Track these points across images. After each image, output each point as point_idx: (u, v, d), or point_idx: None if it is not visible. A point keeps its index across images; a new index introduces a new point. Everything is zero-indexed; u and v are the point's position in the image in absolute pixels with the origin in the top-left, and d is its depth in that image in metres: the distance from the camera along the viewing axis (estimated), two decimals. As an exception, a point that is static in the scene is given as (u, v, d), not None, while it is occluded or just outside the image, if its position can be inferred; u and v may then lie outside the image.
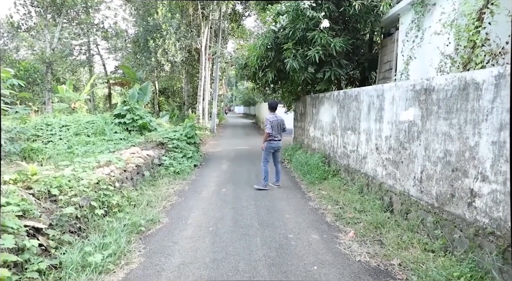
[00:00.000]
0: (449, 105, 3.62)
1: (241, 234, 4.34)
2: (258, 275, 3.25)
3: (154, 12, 15.83)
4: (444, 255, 3.41)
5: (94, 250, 3.45)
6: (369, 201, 5.22)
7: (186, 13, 18.76)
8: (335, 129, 7.58)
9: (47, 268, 3.06)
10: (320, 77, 8.12)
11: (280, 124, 6.80)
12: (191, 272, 3.31)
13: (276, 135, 6.78)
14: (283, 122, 6.86)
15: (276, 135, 6.78)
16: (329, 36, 7.38)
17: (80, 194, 4.23)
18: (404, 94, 4.59)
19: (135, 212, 4.80)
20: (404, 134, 4.57)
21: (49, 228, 3.53)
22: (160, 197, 5.91)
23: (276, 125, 6.74)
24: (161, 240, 4.13)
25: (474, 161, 3.23)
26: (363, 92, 6.04)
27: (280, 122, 6.81)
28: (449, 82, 3.63)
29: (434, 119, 3.89)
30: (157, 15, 15.46)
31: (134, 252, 3.77)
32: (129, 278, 3.22)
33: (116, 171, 5.63)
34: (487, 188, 3.06)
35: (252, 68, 10.06)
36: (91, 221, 4.12)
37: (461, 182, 3.41)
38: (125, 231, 4.09)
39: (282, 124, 6.84)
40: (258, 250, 3.83)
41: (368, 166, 5.77)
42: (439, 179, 3.79)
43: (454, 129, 3.53)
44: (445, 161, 3.68)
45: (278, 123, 6.76)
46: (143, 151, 7.50)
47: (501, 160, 2.91)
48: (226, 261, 3.55)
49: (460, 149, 3.44)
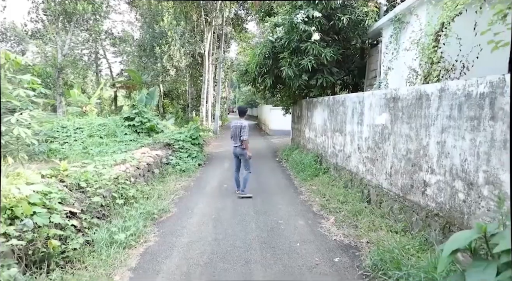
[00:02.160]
0: (409, 111, 4.39)
1: (239, 220, 5.13)
2: (251, 250, 4.03)
3: (160, 20, 16.67)
4: (404, 234, 4.17)
5: (118, 231, 4.25)
6: (351, 194, 6.00)
7: (190, 19, 19.61)
8: (326, 131, 8.35)
9: (83, 243, 3.85)
10: (313, 84, 8.90)
11: (237, 130, 6.46)
12: (197, 247, 4.10)
13: (234, 141, 6.63)
14: (240, 128, 6.41)
15: (234, 141, 6.63)
16: (320, 46, 8.16)
17: (103, 186, 5.04)
18: (378, 101, 5.36)
19: (148, 203, 5.59)
20: (379, 135, 5.34)
21: (81, 213, 4.34)
22: (169, 191, 6.70)
23: (233, 131, 6.60)
24: (171, 225, 4.92)
25: (426, 157, 4.00)
26: (348, 98, 6.81)
27: (238, 128, 6.45)
28: (409, 93, 4.40)
29: (400, 123, 4.66)
30: (163, 22, 16.31)
31: (150, 233, 4.57)
32: (148, 251, 4.02)
33: (131, 168, 6.44)
34: (434, 179, 3.83)
35: (252, 74, 10.83)
36: (113, 209, 4.92)
37: (418, 175, 4.18)
38: (141, 217, 4.88)
39: (239, 130, 6.41)
40: (253, 232, 4.61)
41: (352, 163, 6.54)
42: (403, 173, 4.56)
43: (413, 132, 4.30)
44: (407, 158, 4.45)
45: (235, 129, 6.52)
46: (152, 151, 8.30)
47: (443, 156, 3.68)
48: (226, 240, 4.33)
49: (417, 148, 4.21)
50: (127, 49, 25.92)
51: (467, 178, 3.29)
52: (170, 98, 28.71)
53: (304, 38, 8.23)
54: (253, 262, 3.71)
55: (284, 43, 8.74)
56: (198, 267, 3.61)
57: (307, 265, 3.65)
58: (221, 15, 20.62)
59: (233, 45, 29.73)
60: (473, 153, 3.21)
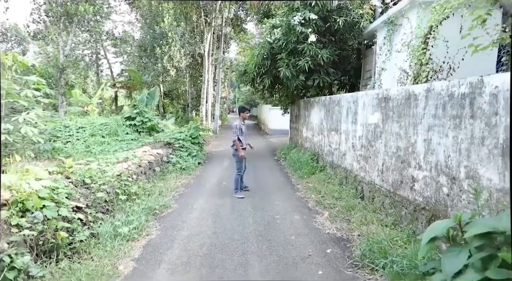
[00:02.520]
0: (399, 111, 4.60)
1: (237, 215, 5.35)
2: (248, 242, 4.25)
3: (161, 21, 16.90)
4: (394, 228, 4.39)
5: (121, 225, 4.46)
6: (346, 191, 6.21)
7: (190, 20, 19.84)
8: (322, 130, 8.57)
9: (89, 235, 4.07)
10: (310, 84, 9.12)
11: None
12: (196, 240, 4.32)
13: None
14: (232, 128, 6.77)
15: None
16: (317, 48, 8.38)
17: (107, 183, 5.25)
18: (371, 101, 5.58)
19: (150, 200, 5.81)
20: (371, 134, 5.55)
21: (86, 207, 4.56)
22: (170, 188, 6.92)
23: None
24: (172, 220, 5.14)
25: (414, 154, 4.22)
26: (343, 98, 7.03)
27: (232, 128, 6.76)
28: (399, 93, 4.62)
29: (390, 122, 4.87)
30: (164, 23, 16.54)
31: (152, 227, 4.78)
32: (150, 244, 4.23)
33: (133, 166, 6.66)
34: (421, 175, 4.04)
35: (250, 75, 11.04)
36: (116, 204, 5.14)
37: (407, 171, 4.39)
38: (144, 212, 5.10)
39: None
40: (250, 226, 4.83)
41: (347, 161, 6.76)
42: (393, 169, 4.77)
43: (402, 130, 4.52)
44: (397, 155, 4.67)
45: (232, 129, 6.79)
46: (153, 150, 8.52)
47: (429, 153, 3.89)
48: (224, 233, 4.55)
49: (406, 145, 4.43)
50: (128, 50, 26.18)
51: (450, 173, 3.50)
52: (170, 98, 28.92)
53: (301, 40, 8.45)
54: (250, 253, 3.93)
55: (282, 44, 8.95)
56: (197, 257, 3.83)
57: (300, 256, 3.86)
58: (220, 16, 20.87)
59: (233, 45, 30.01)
60: (455, 149, 3.43)
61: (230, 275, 3.46)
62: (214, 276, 3.43)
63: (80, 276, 3.26)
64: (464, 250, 2.21)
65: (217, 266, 3.63)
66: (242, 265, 3.64)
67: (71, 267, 3.39)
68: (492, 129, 2.93)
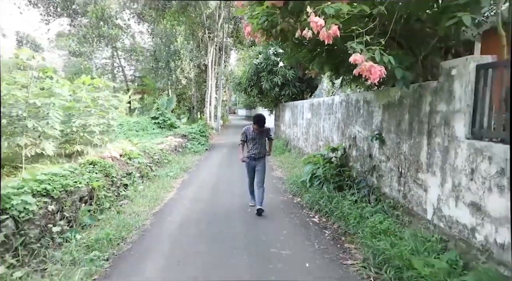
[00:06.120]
0: (316, 111, 8.65)
1: (230, 172, 9.41)
2: (234, 180, 8.30)
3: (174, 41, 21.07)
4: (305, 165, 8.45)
5: (169, 171, 8.52)
6: (296, 159, 10.25)
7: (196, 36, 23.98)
8: (290, 124, 12.61)
9: (153, 176, 8.11)
10: (283, 94, 13.18)
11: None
12: (208, 180, 8.38)
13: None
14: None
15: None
16: (286, 69, 12.43)
17: (157, 152, 9.34)
18: (308, 106, 9.62)
19: (180, 164, 9.87)
20: (307, 124, 9.59)
21: (150, 163, 8.63)
22: (189, 161, 11.00)
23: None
24: (193, 173, 9.21)
25: (321, 135, 8.25)
26: (299, 104, 11.09)
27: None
28: (316, 101, 8.66)
29: (313, 117, 8.91)
30: (177, 43, 20.71)
31: (184, 175, 8.85)
32: (184, 181, 8.29)
33: (167, 146, 10.76)
34: (321, 143, 8.09)
35: (243, 85, 15.11)
36: (162, 163, 9.22)
37: (317, 144, 8.43)
38: (178, 168, 9.16)
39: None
40: (235, 175, 8.87)
41: (300, 143, 10.80)
42: (313, 143, 8.81)
43: (316, 120, 8.56)
44: (315, 135, 8.71)
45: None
46: (176, 139, 12.60)
47: (323, 132, 7.95)
48: (221, 178, 8.62)
49: (318, 129, 8.47)
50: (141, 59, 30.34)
51: (328, 140, 7.54)
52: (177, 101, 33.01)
53: (275, 64, 12.51)
54: (234, 182, 7.97)
55: (263, 66, 13.02)
56: (209, 184, 7.89)
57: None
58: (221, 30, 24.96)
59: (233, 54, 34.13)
60: (329, 129, 7.47)
61: (224, 187, 7.51)
62: (218, 189, 7.49)
63: (157, 187, 7.30)
64: (310, 164, 6.32)
65: (218, 187, 7.68)
66: (229, 186, 7.69)
67: (149, 185, 7.43)
68: (336, 118, 6.96)
